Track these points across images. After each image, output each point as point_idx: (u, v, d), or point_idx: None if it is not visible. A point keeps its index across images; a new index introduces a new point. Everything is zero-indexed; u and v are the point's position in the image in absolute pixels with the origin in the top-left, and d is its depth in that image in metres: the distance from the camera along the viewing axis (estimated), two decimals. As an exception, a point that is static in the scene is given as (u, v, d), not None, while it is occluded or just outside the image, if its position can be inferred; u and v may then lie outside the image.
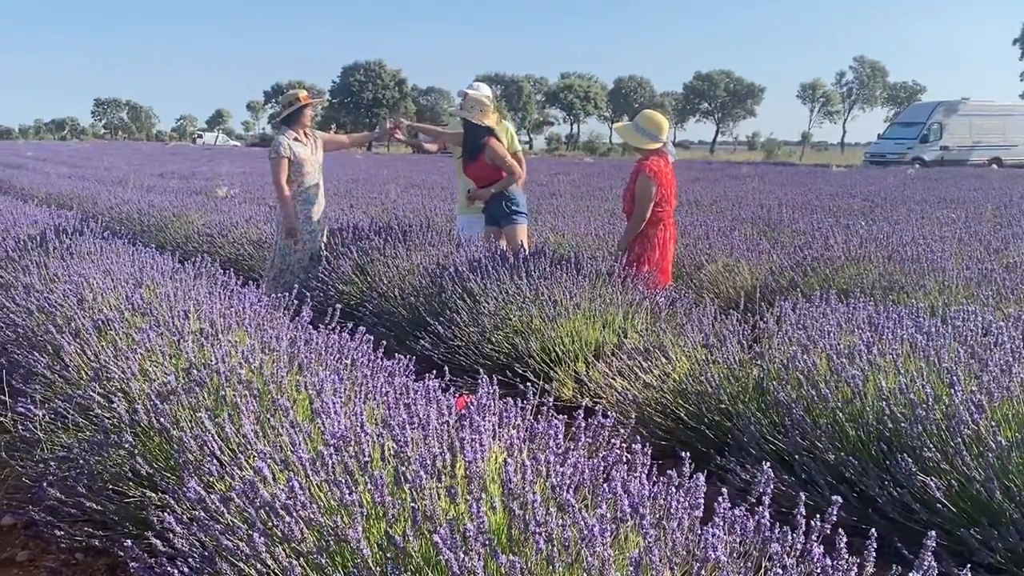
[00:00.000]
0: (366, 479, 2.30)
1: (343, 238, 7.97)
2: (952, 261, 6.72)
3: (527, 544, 1.98)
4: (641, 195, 6.24)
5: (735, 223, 10.61)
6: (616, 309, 5.70)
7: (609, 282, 5.91)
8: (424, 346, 5.65)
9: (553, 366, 5.31)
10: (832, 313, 4.53)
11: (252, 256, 9.48)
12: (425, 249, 7.29)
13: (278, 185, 7.21)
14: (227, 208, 12.34)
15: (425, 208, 12.17)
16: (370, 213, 12.05)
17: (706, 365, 4.40)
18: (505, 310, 5.66)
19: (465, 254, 6.63)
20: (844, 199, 14.86)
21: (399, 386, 3.11)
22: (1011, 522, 2.97)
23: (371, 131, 8.96)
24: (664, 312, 5.73)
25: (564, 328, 5.49)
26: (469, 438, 2.28)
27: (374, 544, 2.17)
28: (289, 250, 7.34)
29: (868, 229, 8.73)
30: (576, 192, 17.26)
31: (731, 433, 4.03)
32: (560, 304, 5.59)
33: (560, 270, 5.95)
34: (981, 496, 3.08)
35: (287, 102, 7.36)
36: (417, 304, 6.30)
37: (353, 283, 7.32)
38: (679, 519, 2.02)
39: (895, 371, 3.68)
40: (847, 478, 3.43)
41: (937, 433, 3.28)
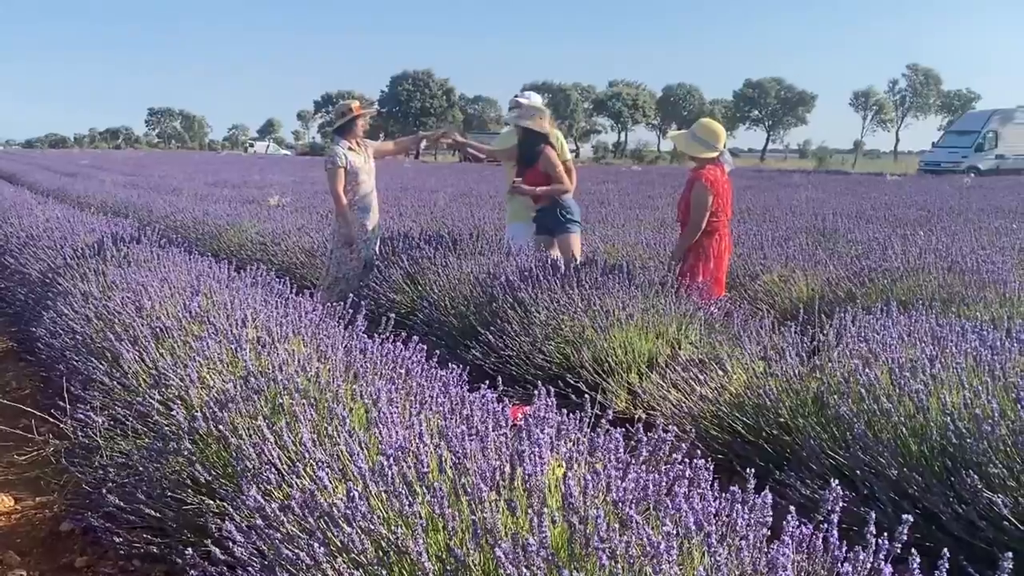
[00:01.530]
0: (424, 490, 2.28)
1: (394, 247, 7.99)
2: (1013, 272, 6.58)
3: (589, 560, 1.95)
4: (697, 205, 6.18)
5: (789, 232, 10.48)
6: (669, 320, 5.65)
7: (662, 292, 5.85)
8: (475, 355, 5.63)
9: (605, 377, 5.26)
10: (893, 325, 4.44)
11: (304, 264, 9.54)
12: (475, 258, 7.29)
13: (335, 195, 7.26)
14: (279, 217, 12.45)
15: (474, 217, 12.18)
16: (419, 222, 12.08)
17: (764, 378, 4.34)
18: (556, 320, 5.63)
19: (515, 263, 6.62)
20: (900, 208, 14.64)
21: (455, 396, 3.10)
22: (1082, 542, 2.88)
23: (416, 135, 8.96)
24: (719, 323, 5.67)
25: (616, 338, 5.44)
26: (528, 450, 2.25)
27: (433, 556, 2.15)
28: (345, 259, 7.38)
29: (926, 239, 8.57)
30: (625, 201, 17.18)
31: (790, 448, 3.97)
32: (612, 314, 5.55)
33: (611, 280, 5.91)
34: (1050, 514, 2.99)
35: (340, 112, 7.42)
36: (468, 313, 6.29)
37: (404, 292, 7.34)
38: (745, 536, 1.97)
39: (959, 385, 3.59)
40: (910, 494, 3.35)
41: (1003, 449, 3.20)
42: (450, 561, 2.07)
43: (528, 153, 7.25)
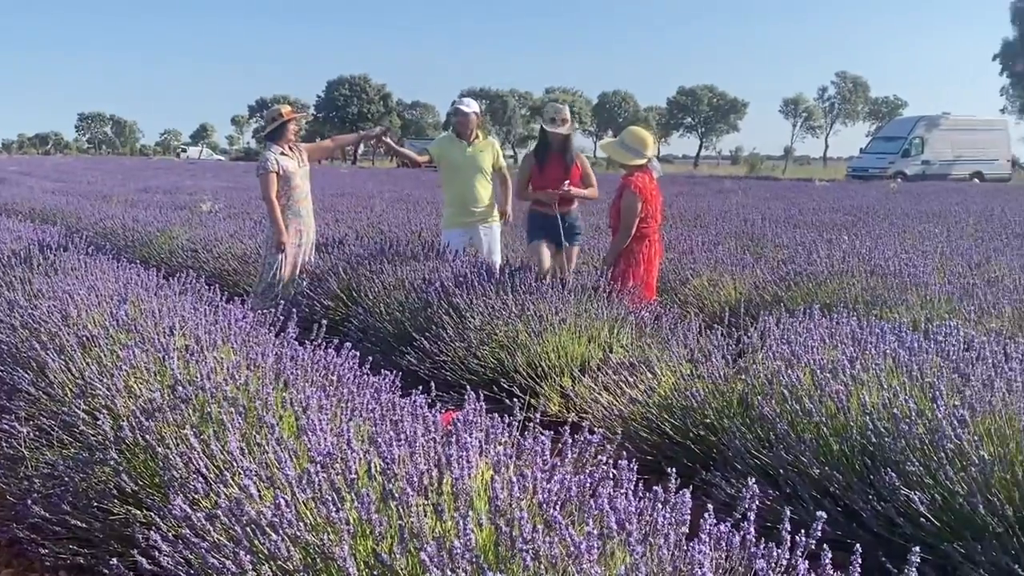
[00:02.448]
0: (352, 496, 2.30)
1: (329, 253, 7.97)
2: (934, 276, 6.78)
3: (514, 561, 1.99)
4: (627, 211, 6.27)
5: (719, 237, 10.65)
6: (602, 324, 5.72)
7: (595, 297, 5.92)
8: (410, 361, 5.64)
9: (539, 381, 5.31)
10: (815, 328, 4.55)
11: (237, 271, 9.45)
12: (411, 263, 7.30)
13: (268, 200, 7.22)
14: (212, 223, 12.31)
15: (410, 222, 12.18)
16: (355, 227, 12.04)
17: (691, 380, 4.42)
18: (491, 325, 5.67)
19: (451, 269, 6.64)
20: (827, 213, 14.95)
21: (385, 402, 3.11)
22: (994, 536, 2.98)
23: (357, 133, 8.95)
24: (649, 327, 5.75)
25: (550, 343, 5.50)
26: (456, 455, 2.28)
27: (361, 562, 2.17)
28: (277, 265, 7.33)
29: (851, 243, 8.79)
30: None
31: (716, 448, 4.05)
32: (545, 319, 5.61)
33: (545, 285, 5.96)
34: (964, 511, 3.10)
35: (271, 117, 7.39)
36: (403, 319, 6.30)
37: (339, 298, 7.32)
38: (665, 535, 2.03)
39: (878, 386, 3.71)
40: (831, 492, 3.45)
41: (920, 448, 3.30)
42: (377, 566, 2.09)
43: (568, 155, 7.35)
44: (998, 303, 5.75)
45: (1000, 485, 3.11)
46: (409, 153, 8.56)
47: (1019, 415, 3.22)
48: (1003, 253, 8.53)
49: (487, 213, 7.73)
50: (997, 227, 12.15)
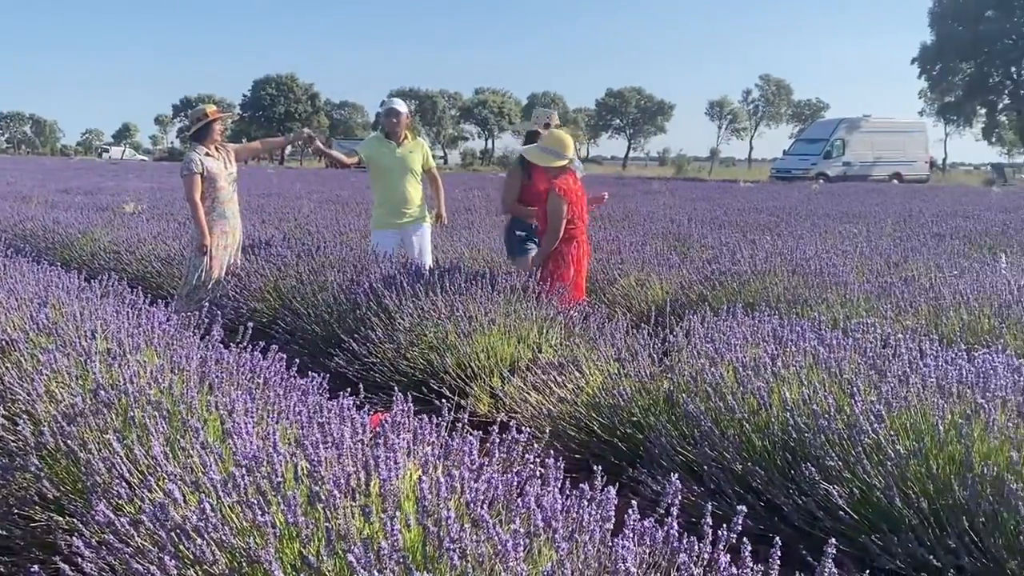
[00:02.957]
0: (279, 500, 2.29)
1: (255, 254, 7.88)
2: (853, 275, 6.95)
3: (442, 561, 2.00)
4: (553, 213, 6.31)
5: (647, 238, 10.78)
6: (531, 324, 5.75)
7: (524, 297, 5.95)
8: (339, 363, 5.61)
9: (469, 382, 5.33)
10: (738, 326, 4.65)
11: (161, 273, 9.29)
12: (339, 265, 7.25)
13: (191, 201, 7.12)
14: (135, 224, 12.08)
15: (339, 223, 12.09)
16: (283, 229, 11.93)
17: (618, 379, 4.48)
18: (420, 326, 5.67)
19: (380, 270, 6.62)
20: (751, 214, 15.22)
21: (312, 405, 3.10)
22: (910, 528, 3.08)
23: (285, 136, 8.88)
24: (578, 327, 5.80)
25: (479, 343, 5.51)
26: (384, 456, 2.29)
27: (288, 565, 2.16)
28: (202, 267, 7.23)
29: (774, 244, 8.97)
30: (491, 208, 17.31)
31: (643, 445, 4.10)
32: (475, 320, 5.62)
33: (475, 286, 5.98)
34: (881, 503, 3.19)
35: (195, 117, 7.29)
36: (331, 321, 6.26)
37: (266, 300, 7.24)
38: (591, 532, 2.06)
39: (799, 382, 3.80)
40: (754, 487, 3.52)
41: (839, 442, 3.39)
42: (304, 568, 2.08)
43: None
44: (915, 301, 5.92)
45: (915, 478, 3.21)
46: (337, 155, 8.50)
47: (933, 410, 3.32)
48: (920, 252, 8.78)
49: (417, 214, 7.72)
50: (915, 227, 12.50)
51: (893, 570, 3.07)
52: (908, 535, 3.04)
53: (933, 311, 5.78)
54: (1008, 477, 2.93)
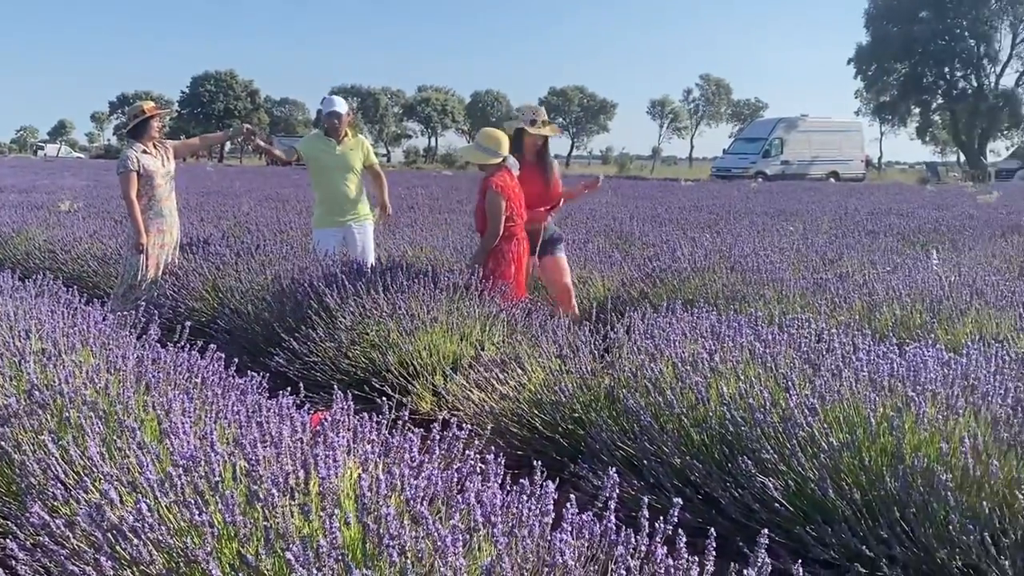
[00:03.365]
0: (217, 499, 2.28)
1: (194, 253, 7.79)
2: (790, 271, 7.07)
3: (381, 558, 2.01)
4: (492, 211, 6.31)
5: (589, 235, 10.84)
6: (474, 322, 5.76)
7: (466, 295, 5.96)
8: (279, 362, 5.57)
9: (411, 380, 5.32)
10: (678, 323, 4.70)
11: (98, 272, 9.13)
12: (279, 263, 7.20)
13: (128, 199, 7.02)
14: (71, 223, 11.87)
15: (280, 221, 11.99)
16: (222, 227, 11.80)
17: (560, 375, 4.51)
18: (362, 324, 5.65)
19: (321, 268, 6.58)
20: (692, 212, 15.38)
21: (251, 404, 3.08)
22: (843, 519, 3.14)
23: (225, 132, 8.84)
24: (520, 324, 5.82)
25: (422, 341, 5.51)
26: (323, 454, 2.28)
27: (226, 564, 2.15)
28: (139, 266, 7.12)
29: (713, 241, 9.08)
30: (434, 205, 17.30)
31: (584, 441, 4.14)
32: (418, 318, 5.62)
33: (418, 284, 5.97)
34: (816, 495, 3.25)
35: (132, 114, 7.20)
36: (272, 320, 6.21)
37: (204, 299, 7.17)
38: (530, 526, 2.08)
39: (735, 377, 3.86)
40: (692, 481, 3.57)
41: (774, 436, 3.45)
42: (243, 568, 2.07)
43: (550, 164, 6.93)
44: (849, 297, 6.04)
45: (848, 470, 3.29)
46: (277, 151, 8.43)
47: (866, 403, 3.40)
48: (855, 249, 8.96)
49: (360, 212, 7.68)
50: (850, 225, 12.73)
51: (827, 560, 3.12)
52: (842, 526, 3.10)
53: (867, 307, 5.90)
54: (938, 468, 3.01)
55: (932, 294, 5.91)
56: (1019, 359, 3.79)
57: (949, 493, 2.91)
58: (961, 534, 2.83)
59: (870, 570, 3.00)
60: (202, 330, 6.43)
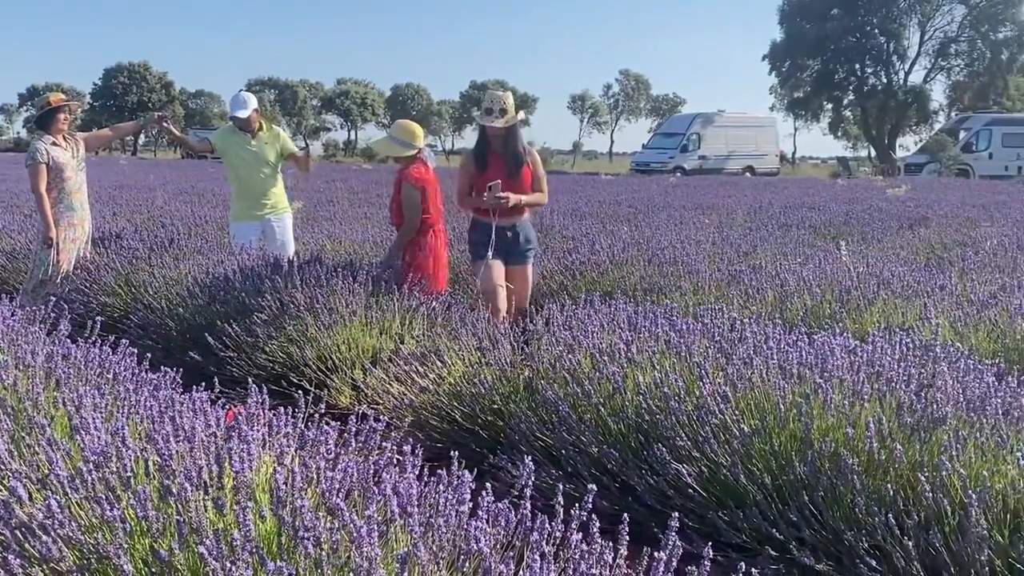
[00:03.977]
0: (129, 495, 2.24)
1: (106, 247, 7.62)
2: (706, 264, 7.20)
3: (297, 550, 2.00)
4: (408, 204, 6.29)
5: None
6: (393, 316, 5.75)
7: (385, 289, 5.94)
8: (194, 358, 5.49)
9: (330, 374, 5.29)
10: (596, 314, 4.76)
11: (7, 268, 8.87)
12: (194, 258, 7.08)
13: (36, 192, 6.85)
14: (-25, 217, 11.50)
15: (195, 215, 11.78)
16: (135, 221, 11.56)
17: (479, 367, 4.53)
18: (279, 319, 5.59)
19: (238, 262, 6.50)
20: (611, 206, 15.53)
21: (164, 399, 3.03)
22: (755, 503, 3.22)
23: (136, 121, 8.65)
24: (440, 317, 5.83)
25: (340, 335, 5.48)
26: (237, 448, 2.27)
27: (139, 560, 2.12)
28: (48, 260, 6.95)
29: (632, 234, 9.19)
30: (354, 199, 17.16)
31: (504, 432, 4.17)
32: (336, 311, 5.58)
33: (336, 277, 5.93)
34: (728, 480, 3.33)
35: (40, 106, 7.03)
36: (187, 315, 6.11)
37: (117, 295, 7.02)
38: (447, 516, 2.09)
39: (651, 367, 3.92)
40: (609, 469, 3.62)
41: (689, 423, 3.53)
42: (156, 563, 2.05)
43: (514, 157, 6.17)
44: (762, 288, 6.18)
45: (759, 456, 3.37)
46: (189, 140, 8.30)
47: (776, 390, 3.49)
48: (768, 242, 9.16)
49: (278, 205, 7.60)
50: (764, 218, 12.99)
51: (739, 544, 3.20)
52: (753, 510, 3.17)
53: (779, 297, 6.04)
54: (845, 453, 3.10)
55: (841, 285, 6.08)
56: (923, 347, 3.93)
57: (855, 477, 3.00)
58: (867, 516, 2.92)
59: (780, 553, 3.08)
60: (115, 326, 6.31)
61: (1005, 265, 7.63)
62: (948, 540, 2.75)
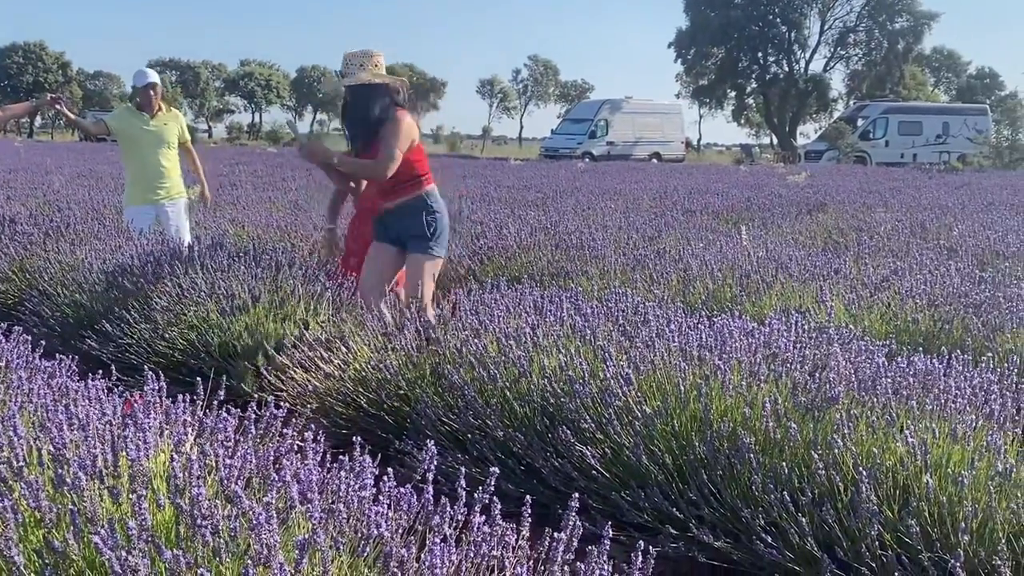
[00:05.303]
0: (21, 484, 2.18)
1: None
2: (612, 248, 7.29)
3: (195, 538, 1.97)
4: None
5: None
6: (297, 301, 5.68)
7: (290, 274, 5.87)
8: (91, 345, 5.35)
9: (232, 361, 5.21)
10: (502, 299, 4.78)
11: None
12: (91, 243, 6.89)
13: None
14: None
15: (93, 199, 11.45)
16: (30, 205, 11.19)
17: (385, 353, 4.51)
18: (179, 305, 5.48)
19: (136, 248, 6.34)
20: (520, 191, 15.58)
21: (58, 387, 2.96)
22: (656, 483, 3.28)
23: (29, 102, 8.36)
24: (346, 303, 5.78)
25: (242, 322, 5.40)
26: (133, 436, 2.22)
27: (31, 551, 2.07)
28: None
29: (540, 220, 9.24)
30: (258, 183, 16.88)
31: (410, 417, 4.16)
32: (238, 297, 5.49)
33: (238, 263, 5.84)
34: (630, 461, 3.39)
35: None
36: (83, 302, 5.95)
37: (11, 281, 6.80)
38: (347, 501, 2.09)
39: (557, 351, 3.96)
40: (515, 452, 3.65)
41: (593, 406, 3.57)
42: (50, 554, 2.00)
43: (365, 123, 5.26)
44: (666, 272, 6.28)
45: (661, 436, 3.43)
46: (84, 122, 8.06)
47: (677, 372, 3.56)
48: (673, 227, 9.30)
49: (174, 189, 7.44)
50: (669, 203, 13.20)
51: (641, 524, 3.26)
52: (654, 490, 3.24)
53: (681, 281, 6.15)
54: (742, 432, 3.18)
55: (741, 268, 6.21)
56: (817, 328, 4.05)
57: (752, 455, 3.08)
58: (764, 494, 3.00)
59: (680, 531, 3.15)
60: (8, 313, 6.12)
61: (898, 249, 7.90)
62: (840, 516, 2.84)
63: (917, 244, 8.27)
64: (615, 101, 46.19)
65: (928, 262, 6.52)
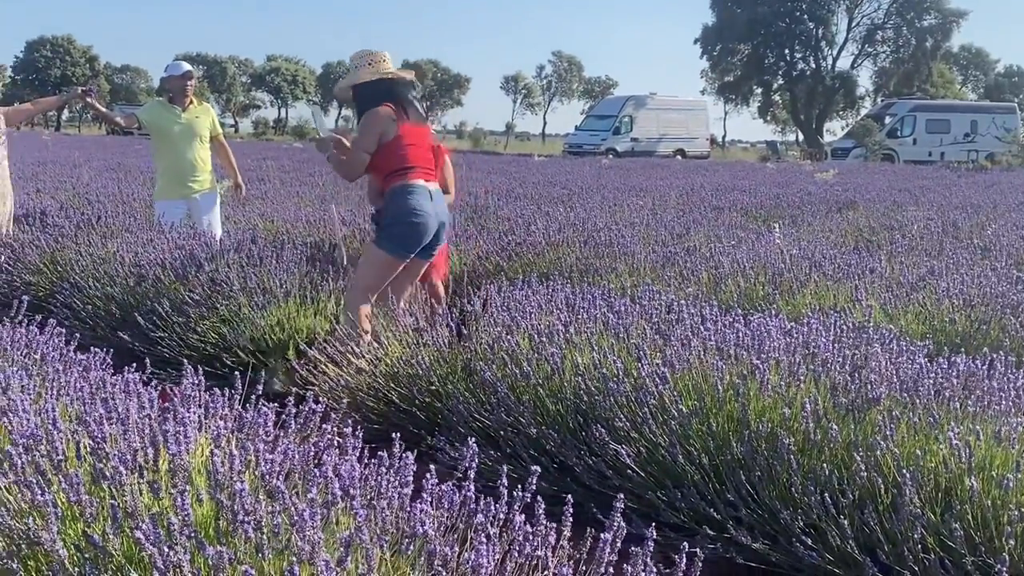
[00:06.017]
0: (60, 478, 2.18)
1: (30, 225, 7.42)
2: (640, 245, 7.24)
3: (236, 534, 1.96)
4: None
5: (444, 210, 10.80)
6: (327, 295, 5.68)
7: (320, 268, 5.87)
8: (124, 338, 5.37)
9: (264, 355, 5.22)
10: (533, 295, 4.75)
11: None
12: (122, 236, 6.92)
13: (-47, 170, 6.62)
14: None
15: (122, 193, 11.51)
16: (60, 198, 11.26)
17: (417, 348, 4.49)
18: (211, 299, 5.49)
19: (167, 241, 6.36)
20: (545, 187, 15.53)
21: (95, 380, 2.96)
22: (692, 483, 3.25)
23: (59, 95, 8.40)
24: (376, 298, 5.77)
25: (274, 316, 5.40)
26: (173, 430, 2.21)
27: (71, 545, 2.06)
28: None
29: (567, 216, 9.20)
30: (285, 178, 16.92)
31: (442, 414, 4.14)
32: (270, 292, 5.50)
33: (270, 256, 5.84)
34: (666, 461, 3.35)
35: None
36: (115, 294, 5.97)
37: (42, 273, 6.83)
38: (389, 498, 2.07)
39: (589, 348, 3.93)
40: (548, 450, 3.62)
41: (627, 404, 3.54)
42: (89, 548, 1.99)
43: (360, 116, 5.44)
44: (696, 270, 6.23)
45: (697, 436, 3.40)
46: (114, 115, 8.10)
47: (713, 371, 3.52)
48: (701, 224, 9.23)
49: (207, 182, 7.45)
50: (696, 200, 13.11)
51: (677, 524, 3.23)
52: (691, 490, 3.20)
53: (713, 279, 6.10)
54: (781, 432, 3.14)
55: (774, 267, 6.15)
56: (855, 328, 4.00)
57: (791, 456, 3.04)
58: (803, 495, 2.96)
59: (718, 532, 3.12)
60: (41, 305, 6.14)
61: (931, 248, 7.81)
62: (882, 518, 2.80)
63: (950, 243, 8.17)
64: (639, 97, 45.97)
65: (963, 262, 6.44)
